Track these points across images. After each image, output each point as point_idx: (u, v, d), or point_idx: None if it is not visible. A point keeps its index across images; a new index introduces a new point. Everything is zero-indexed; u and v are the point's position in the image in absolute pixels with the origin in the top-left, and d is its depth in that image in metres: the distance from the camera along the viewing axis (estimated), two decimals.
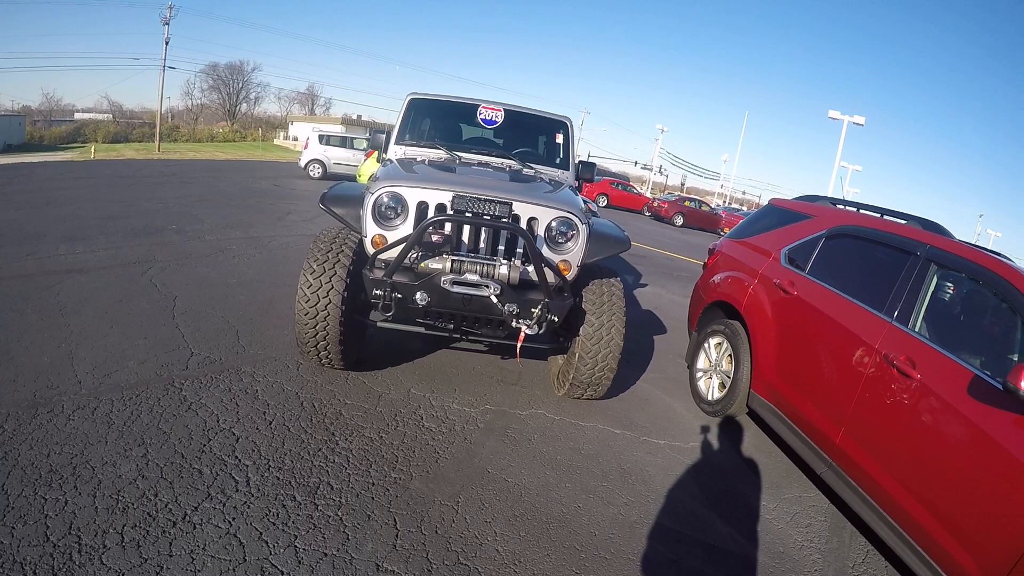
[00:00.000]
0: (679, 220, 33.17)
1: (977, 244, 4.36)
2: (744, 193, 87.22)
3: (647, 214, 35.44)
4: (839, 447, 3.91)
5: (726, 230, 30.26)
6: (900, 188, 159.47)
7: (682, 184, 73.52)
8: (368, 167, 20.55)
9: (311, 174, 24.69)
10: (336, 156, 25.00)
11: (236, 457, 3.52)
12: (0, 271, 6.79)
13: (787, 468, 4.73)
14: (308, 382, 4.58)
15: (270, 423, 3.93)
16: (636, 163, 67.51)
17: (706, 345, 5.69)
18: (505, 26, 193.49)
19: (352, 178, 21.78)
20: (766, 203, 6.44)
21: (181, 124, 66.47)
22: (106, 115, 70.86)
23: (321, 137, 25.52)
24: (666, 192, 61.72)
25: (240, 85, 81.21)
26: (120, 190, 15.55)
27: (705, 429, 5.10)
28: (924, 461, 3.34)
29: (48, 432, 3.55)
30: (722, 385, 5.35)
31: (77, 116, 71.39)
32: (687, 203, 35.72)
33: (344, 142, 25.98)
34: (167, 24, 41.93)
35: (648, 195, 44.73)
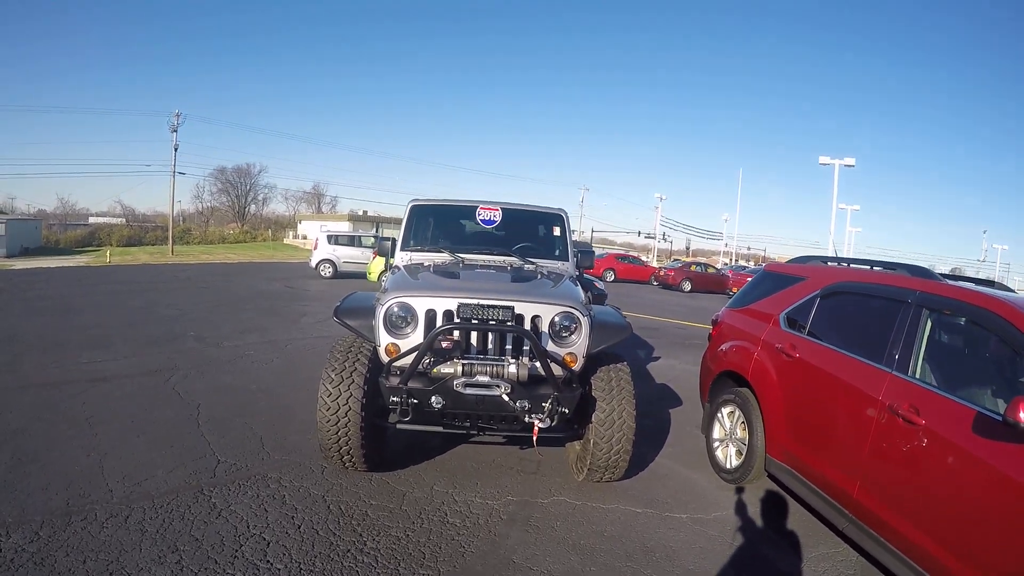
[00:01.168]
0: (687, 286, 33.41)
1: (968, 278, 4.57)
2: (749, 248, 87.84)
3: (655, 283, 35.65)
4: (857, 501, 3.93)
5: (735, 290, 30.37)
6: (901, 220, 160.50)
7: (687, 248, 74.07)
8: (377, 264, 20.93)
9: (322, 274, 25.15)
10: (345, 255, 25.50)
11: (268, 561, 3.60)
12: (28, 379, 7.02)
13: (811, 527, 4.74)
14: (333, 485, 4.68)
15: (299, 527, 4.02)
16: (639, 233, 68.27)
17: (719, 415, 5.75)
18: (500, 112, 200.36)
19: (363, 275, 22.21)
20: (761, 269, 6.60)
21: (193, 227, 68.00)
22: (119, 219, 72.79)
23: (330, 237, 26.09)
24: (672, 258, 62.13)
25: (248, 187, 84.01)
26: (137, 296, 15.95)
27: (726, 498, 5.13)
28: (940, 503, 3.35)
29: (83, 539, 3.68)
30: (739, 452, 5.39)
31: (91, 220, 73.36)
32: (693, 268, 36.13)
33: (352, 240, 26.59)
34: (175, 131, 43.57)
35: (654, 264, 45.11)
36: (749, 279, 27.53)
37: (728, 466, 5.49)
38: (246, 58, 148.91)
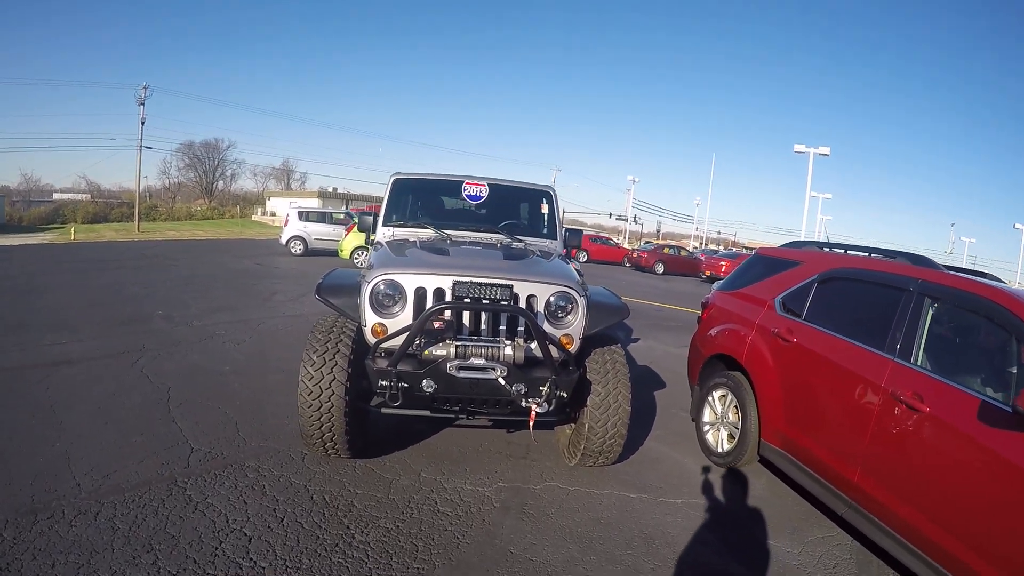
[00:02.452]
0: (660, 268, 33.58)
1: (966, 269, 4.52)
2: (719, 233, 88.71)
3: (628, 265, 35.84)
4: (858, 486, 3.91)
5: (707, 273, 30.59)
6: (872, 207, 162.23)
7: (657, 231, 74.65)
8: (350, 241, 20.67)
9: (293, 251, 24.65)
10: (316, 232, 25.01)
11: (251, 559, 3.38)
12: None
13: (805, 511, 4.70)
14: (315, 474, 4.45)
15: (281, 520, 3.80)
16: (611, 215, 68.71)
17: (710, 398, 5.67)
18: (472, 90, 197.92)
19: (334, 253, 21.85)
20: (753, 253, 6.50)
21: (159, 203, 66.45)
22: (84, 195, 70.77)
23: (300, 213, 25.56)
24: (643, 240, 62.58)
25: (216, 163, 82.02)
26: (104, 274, 15.45)
27: (719, 482, 5.05)
28: (944, 490, 3.36)
29: (51, 540, 3.41)
30: (731, 436, 5.33)
31: (56, 196, 71.31)
32: (666, 250, 36.37)
33: (323, 217, 26.06)
34: (142, 104, 42.32)
35: (626, 246, 45.27)
36: (722, 263, 27.93)
37: (719, 450, 5.41)
38: (215, 30, 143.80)
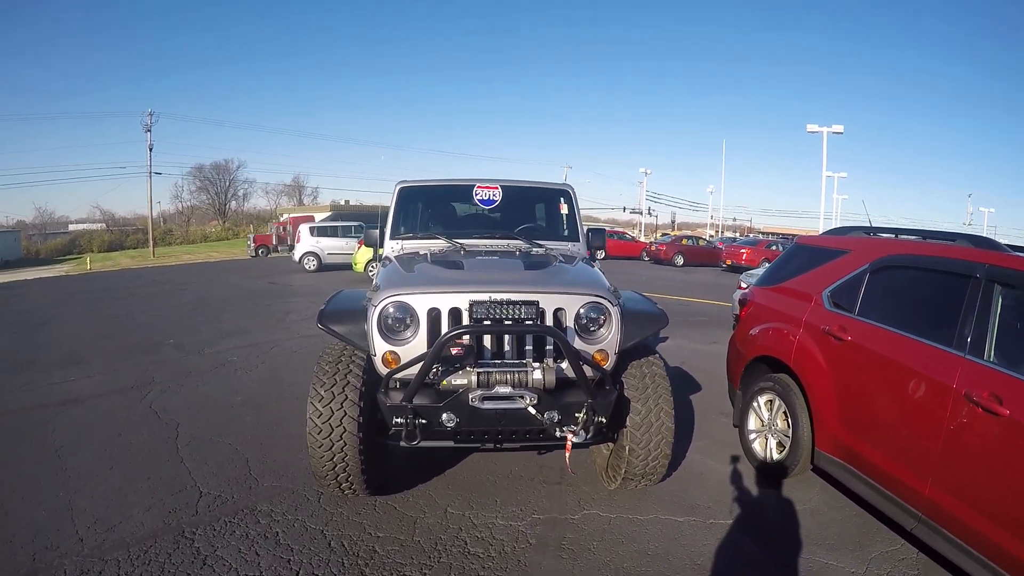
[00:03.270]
0: (680, 260, 33.04)
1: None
2: (735, 220, 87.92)
3: (646, 259, 35.44)
4: (928, 498, 3.52)
5: (728, 262, 30.14)
6: (887, 185, 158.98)
7: (672, 222, 73.92)
8: (363, 254, 20.47)
9: (306, 267, 24.52)
10: (329, 246, 24.88)
11: None
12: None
13: (865, 522, 4.32)
14: (332, 516, 4.12)
15: (296, 573, 3.48)
16: (624, 208, 68.16)
17: (755, 404, 5.26)
18: (476, 91, 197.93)
19: (348, 267, 21.65)
20: (792, 243, 6.09)
21: (174, 227, 67.04)
22: (100, 224, 71.52)
23: (312, 229, 25.47)
24: (659, 233, 62.04)
25: (227, 183, 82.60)
26: (115, 304, 15.29)
27: (770, 497, 4.67)
28: None
29: None
30: (780, 445, 4.94)
31: (72, 227, 72.25)
32: (685, 241, 35.88)
33: (336, 231, 25.89)
34: (149, 131, 42.75)
35: (642, 239, 44.84)
36: (743, 250, 27.51)
37: (768, 460, 5.00)
38: (217, 52, 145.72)
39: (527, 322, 3.65)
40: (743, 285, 11.13)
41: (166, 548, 3.70)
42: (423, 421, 3.65)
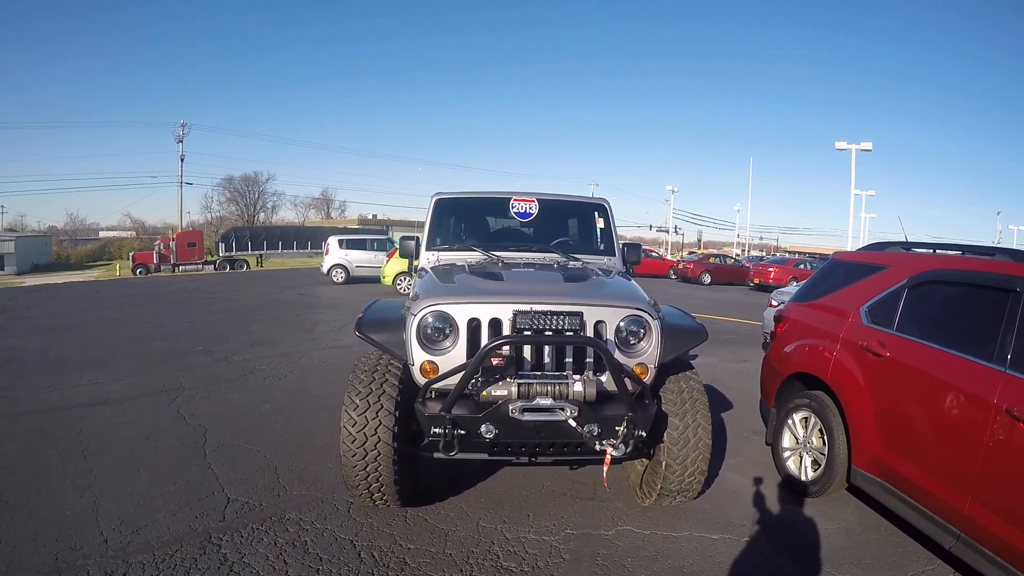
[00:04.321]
0: (707, 279, 32.62)
1: None
2: (761, 239, 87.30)
3: (674, 277, 35.13)
4: (968, 516, 3.39)
5: (756, 280, 29.80)
6: (915, 203, 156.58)
7: (699, 240, 73.76)
8: (392, 267, 20.50)
9: (335, 279, 24.56)
10: (358, 259, 24.89)
11: None
12: (21, 406, 6.43)
13: (901, 542, 4.17)
14: (363, 526, 4.01)
15: None
16: (651, 227, 68.21)
17: (790, 421, 5.13)
18: (507, 110, 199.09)
19: (377, 280, 21.68)
20: (829, 259, 5.97)
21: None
22: (130, 232, 72.53)
23: (341, 241, 25.49)
24: (686, 251, 61.73)
25: (256, 195, 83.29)
26: (145, 309, 15.38)
27: (805, 515, 4.52)
28: None
29: None
30: (815, 463, 4.80)
31: (102, 234, 73.39)
32: (712, 259, 35.52)
33: (364, 244, 25.93)
34: (180, 142, 43.45)
35: (669, 257, 44.62)
36: (771, 269, 27.27)
37: (804, 478, 4.86)
38: (249, 65, 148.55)
39: (568, 332, 3.57)
40: (774, 303, 11.04)
41: (192, 553, 3.62)
42: (461, 432, 3.56)
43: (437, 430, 3.53)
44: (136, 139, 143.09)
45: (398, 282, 19.82)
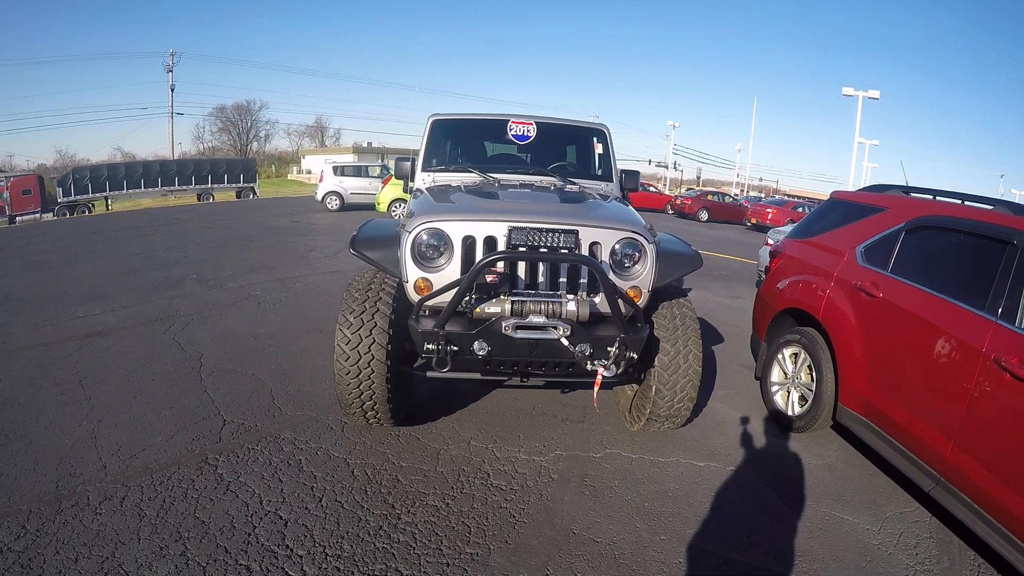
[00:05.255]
0: (704, 215, 32.65)
1: None
2: (761, 180, 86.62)
3: (671, 212, 35.05)
4: (949, 461, 3.46)
5: (753, 220, 29.69)
6: (919, 158, 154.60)
7: (698, 177, 73.02)
8: (387, 194, 20.33)
9: (329, 207, 24.40)
10: (352, 186, 24.66)
11: (287, 547, 3.05)
12: (19, 341, 6.45)
13: (882, 483, 4.27)
14: (356, 445, 4.09)
15: (320, 500, 3.46)
16: (650, 161, 67.30)
17: (780, 356, 5.19)
18: (503, 37, 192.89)
19: (371, 207, 21.51)
20: (828, 197, 5.91)
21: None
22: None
23: (335, 168, 25.18)
24: (683, 187, 61.22)
25: (249, 124, 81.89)
26: (138, 242, 15.31)
27: (790, 449, 4.62)
28: None
29: (74, 531, 3.13)
30: (802, 399, 4.88)
31: None
32: (710, 197, 35.26)
33: (359, 171, 25.62)
34: (170, 71, 42.40)
35: (667, 192, 44.33)
36: (768, 210, 27.01)
37: (790, 413, 4.96)
38: None
39: (563, 251, 3.54)
40: (770, 242, 10.98)
41: (189, 474, 3.70)
42: (454, 348, 3.57)
43: (430, 346, 3.55)
44: (125, 70, 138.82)
45: (393, 208, 19.69)
